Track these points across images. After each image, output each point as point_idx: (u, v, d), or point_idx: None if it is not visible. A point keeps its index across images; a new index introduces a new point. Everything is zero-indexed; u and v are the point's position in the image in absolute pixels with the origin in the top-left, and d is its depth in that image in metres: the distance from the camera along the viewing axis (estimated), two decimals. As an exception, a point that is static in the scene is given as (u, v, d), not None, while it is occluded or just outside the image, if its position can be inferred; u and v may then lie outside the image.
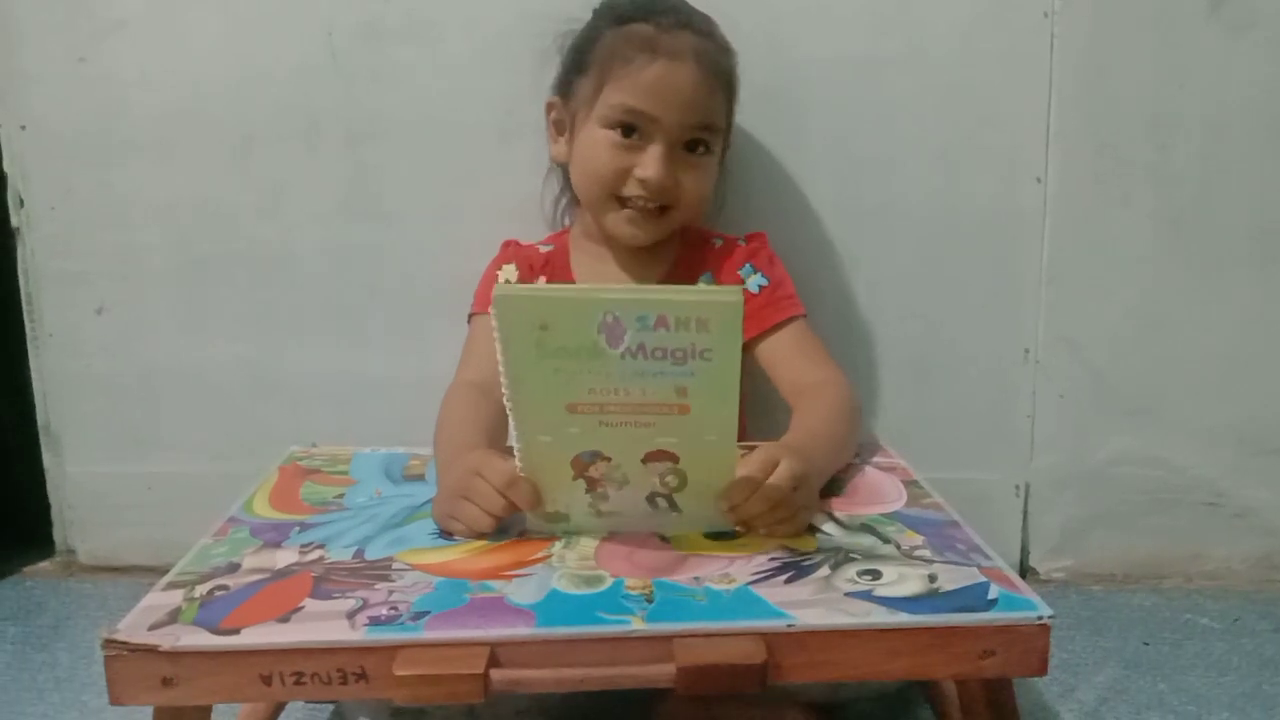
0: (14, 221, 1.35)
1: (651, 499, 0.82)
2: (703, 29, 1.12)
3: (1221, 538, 1.39)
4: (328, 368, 1.36)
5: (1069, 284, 1.33)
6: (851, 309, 1.33)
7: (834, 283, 1.32)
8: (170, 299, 1.37)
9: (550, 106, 1.19)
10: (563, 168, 1.21)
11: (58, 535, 1.45)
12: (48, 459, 1.42)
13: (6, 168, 1.34)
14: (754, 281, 1.16)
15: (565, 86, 1.16)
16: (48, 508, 1.44)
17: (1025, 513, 1.39)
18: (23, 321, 1.38)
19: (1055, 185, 1.30)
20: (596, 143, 1.10)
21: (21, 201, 1.34)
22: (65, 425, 1.41)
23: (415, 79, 1.30)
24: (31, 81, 1.32)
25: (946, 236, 1.32)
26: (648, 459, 0.80)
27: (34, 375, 1.40)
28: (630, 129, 1.09)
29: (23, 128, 1.32)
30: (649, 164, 1.08)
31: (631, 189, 1.10)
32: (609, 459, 0.80)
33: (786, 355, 1.13)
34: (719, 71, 1.12)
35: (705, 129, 1.10)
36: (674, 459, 0.80)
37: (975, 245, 1.32)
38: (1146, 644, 1.23)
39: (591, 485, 0.82)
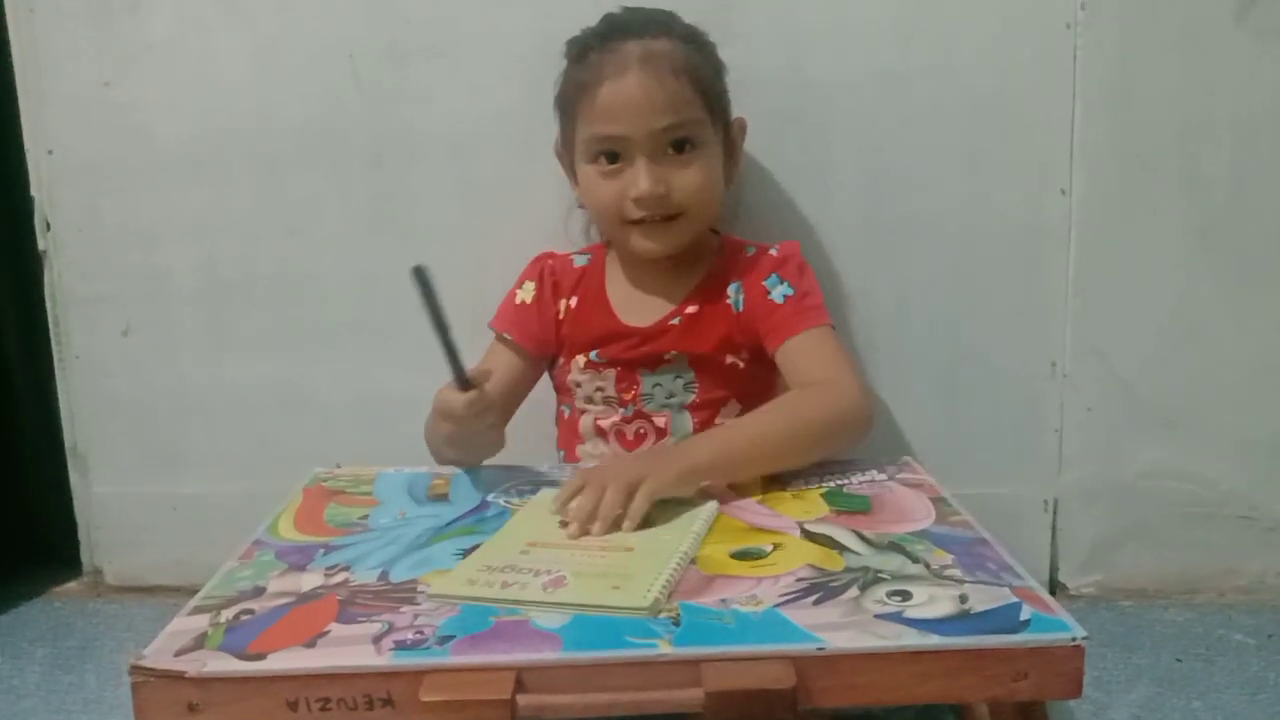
0: (41, 245, 1.36)
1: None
2: (651, 31, 1.11)
3: (1255, 552, 1.37)
4: (353, 387, 1.37)
5: (1096, 295, 1.32)
6: (877, 323, 1.32)
7: (859, 296, 1.32)
8: (196, 320, 1.38)
9: (560, 155, 1.21)
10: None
11: (85, 556, 1.46)
12: (75, 479, 1.44)
13: (34, 192, 1.35)
14: (779, 292, 1.15)
15: (561, 134, 1.19)
16: (75, 528, 1.45)
17: (1054, 528, 1.37)
18: (50, 343, 1.39)
19: (1081, 196, 1.29)
20: (589, 178, 1.13)
21: (48, 225, 1.36)
22: (92, 446, 1.42)
23: (438, 99, 1.31)
24: (58, 106, 1.33)
25: (972, 249, 1.31)
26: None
27: (61, 396, 1.41)
28: (611, 155, 1.10)
29: (50, 152, 1.34)
30: (636, 182, 1.09)
31: (631, 211, 1.11)
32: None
33: (799, 357, 1.12)
34: (674, 64, 1.09)
35: (679, 127, 1.09)
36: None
37: (1001, 257, 1.31)
38: (1179, 661, 1.21)
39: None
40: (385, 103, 1.32)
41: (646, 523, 0.88)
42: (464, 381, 0.97)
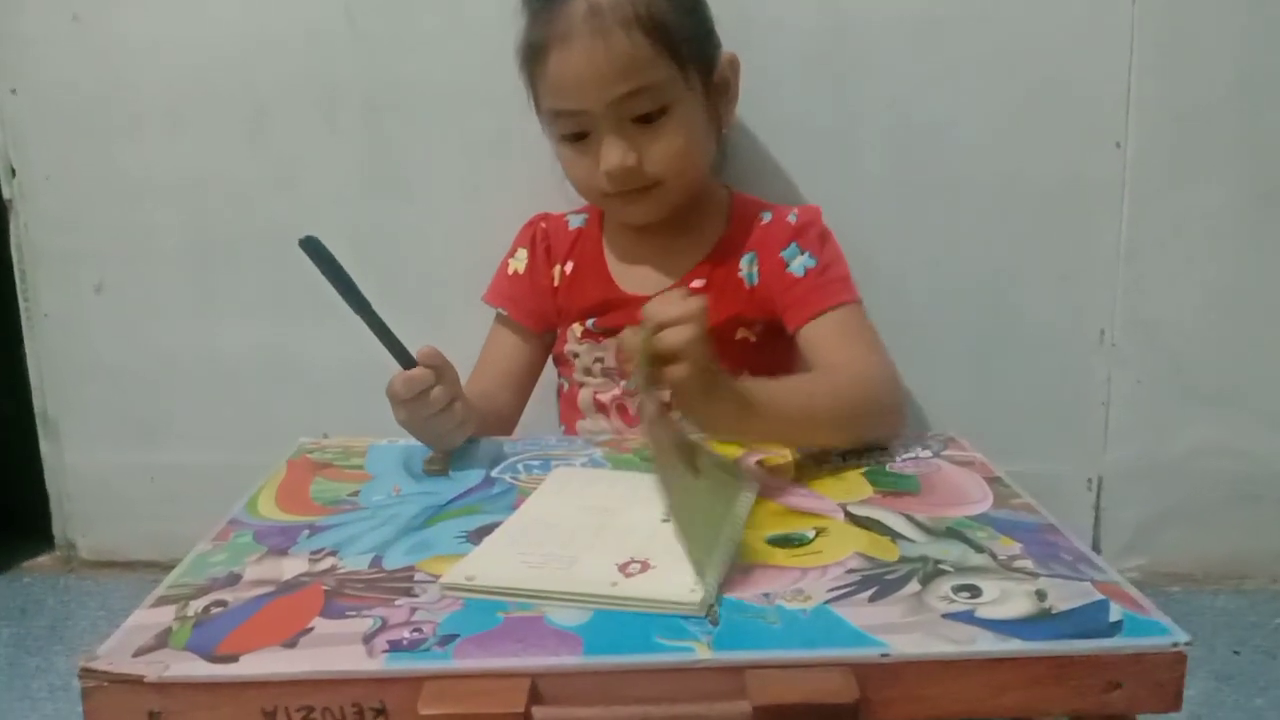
0: (5, 193, 1.28)
1: None
2: None
3: (1309, 535, 1.30)
4: (345, 352, 1.26)
5: (1148, 261, 1.24)
6: (910, 289, 1.25)
7: (891, 261, 1.24)
8: (178, 279, 1.31)
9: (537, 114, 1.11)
10: None
11: (57, 529, 1.39)
12: (45, 448, 1.36)
13: (-5, 134, 1.26)
14: (799, 264, 1.05)
15: (529, 95, 1.07)
16: (46, 499, 1.38)
17: (1097, 508, 1.30)
18: (17, 300, 1.31)
19: (1135, 153, 1.21)
20: (563, 156, 1.05)
21: (13, 171, 1.27)
22: (64, 412, 1.35)
23: (437, 45, 1.23)
24: (24, 43, 1.25)
25: (1015, 209, 1.23)
26: None
27: (30, 359, 1.33)
28: (578, 134, 1.01)
29: (13, 91, 1.25)
30: (603, 158, 1.00)
31: (606, 185, 1.02)
32: None
33: (823, 340, 1.00)
34: (625, 18, 0.96)
35: (640, 94, 0.97)
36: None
37: (1046, 219, 1.23)
38: (1236, 653, 1.14)
39: None
40: (381, 48, 1.23)
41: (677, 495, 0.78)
42: (406, 359, 0.87)
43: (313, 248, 0.81)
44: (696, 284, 1.06)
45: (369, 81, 1.24)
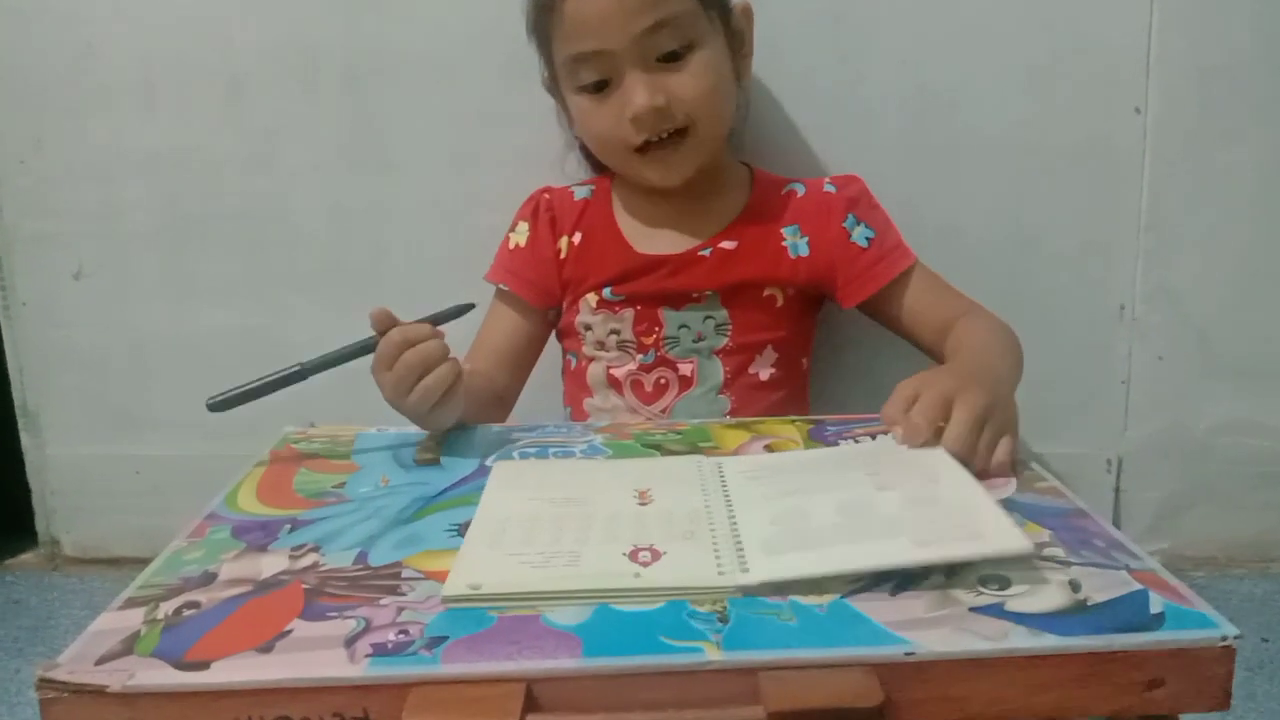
0: (-20, 178, 1.22)
1: None
2: None
3: (1337, 516, 1.25)
4: (332, 337, 1.22)
5: (1170, 230, 1.19)
6: (921, 258, 1.18)
7: (901, 228, 1.17)
8: (156, 261, 1.26)
9: (549, 89, 1.08)
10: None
11: (40, 524, 1.35)
12: (26, 441, 1.32)
13: (-39, 115, 1.22)
14: (860, 234, 1.04)
15: (542, 62, 1.05)
16: (28, 494, 1.34)
17: (1117, 489, 1.26)
18: (-7, 288, 1.27)
19: (1156, 116, 1.16)
20: (582, 112, 1.01)
21: (-14, 155, 1.22)
22: (45, 403, 1.31)
23: (423, 8, 1.17)
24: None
25: (1031, 176, 1.18)
26: None
27: (7, 349, 1.29)
28: (599, 83, 0.97)
29: (-19, 71, 1.20)
30: (629, 99, 0.96)
31: (633, 135, 0.97)
32: None
33: (921, 305, 1.04)
34: None
35: (665, 25, 0.94)
36: None
37: (1064, 186, 1.18)
38: (1266, 641, 1.09)
39: None
40: (362, 17, 1.18)
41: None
42: (366, 348, 0.87)
43: (223, 403, 0.85)
44: (727, 245, 1.03)
45: (350, 49, 1.19)
